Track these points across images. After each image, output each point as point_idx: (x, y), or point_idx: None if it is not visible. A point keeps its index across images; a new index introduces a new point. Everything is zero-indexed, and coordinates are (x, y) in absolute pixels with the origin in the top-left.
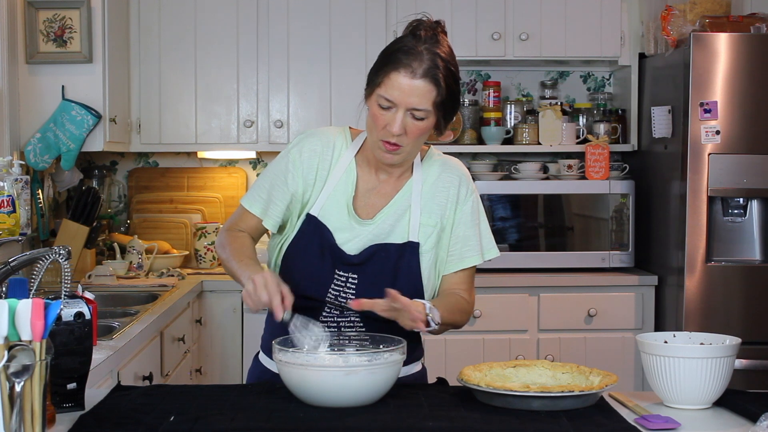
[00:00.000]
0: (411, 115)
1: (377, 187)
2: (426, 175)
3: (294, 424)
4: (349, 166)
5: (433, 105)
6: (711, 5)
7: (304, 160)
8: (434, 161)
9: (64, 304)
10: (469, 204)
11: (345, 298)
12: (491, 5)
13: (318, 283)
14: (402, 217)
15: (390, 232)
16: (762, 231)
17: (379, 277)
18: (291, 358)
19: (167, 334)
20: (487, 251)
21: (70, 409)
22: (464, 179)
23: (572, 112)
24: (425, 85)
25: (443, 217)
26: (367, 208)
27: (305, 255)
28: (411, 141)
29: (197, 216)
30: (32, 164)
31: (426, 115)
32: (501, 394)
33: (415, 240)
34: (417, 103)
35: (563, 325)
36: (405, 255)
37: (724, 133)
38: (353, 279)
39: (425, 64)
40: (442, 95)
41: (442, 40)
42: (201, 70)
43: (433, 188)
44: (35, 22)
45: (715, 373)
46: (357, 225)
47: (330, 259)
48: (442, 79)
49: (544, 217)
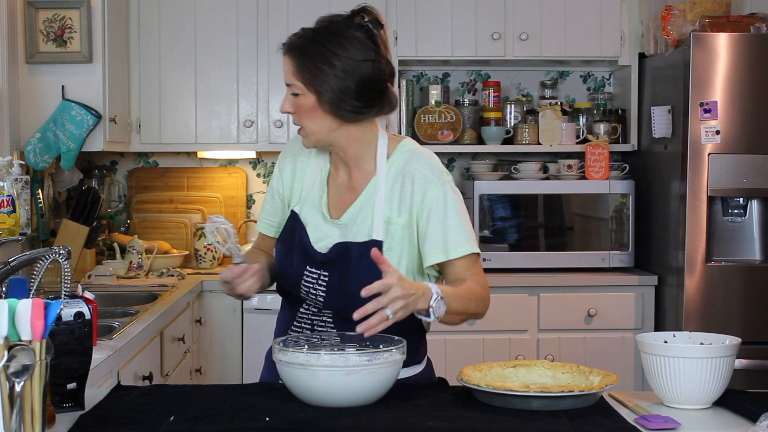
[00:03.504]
0: (291, 93)
1: (346, 182)
2: (390, 170)
3: (294, 424)
4: (323, 165)
5: (297, 79)
6: (711, 5)
7: (287, 164)
8: (402, 154)
9: (64, 304)
10: (432, 198)
11: (315, 294)
12: (491, 5)
13: (291, 279)
14: (366, 214)
15: (356, 230)
16: (762, 231)
17: (346, 275)
18: (291, 358)
19: (167, 334)
20: (453, 249)
21: (70, 409)
22: (428, 173)
23: (572, 112)
24: (289, 61)
25: (408, 214)
26: (338, 205)
27: (283, 251)
28: (304, 119)
29: (197, 216)
30: (32, 164)
31: (298, 91)
32: (501, 394)
33: (378, 238)
34: (286, 79)
35: (563, 325)
36: (367, 253)
37: (724, 133)
38: (324, 276)
39: (288, 42)
40: (305, 68)
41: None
42: (201, 70)
43: (397, 183)
44: (35, 22)
45: (715, 373)
46: (327, 224)
47: (302, 257)
48: (299, 52)
49: (544, 217)
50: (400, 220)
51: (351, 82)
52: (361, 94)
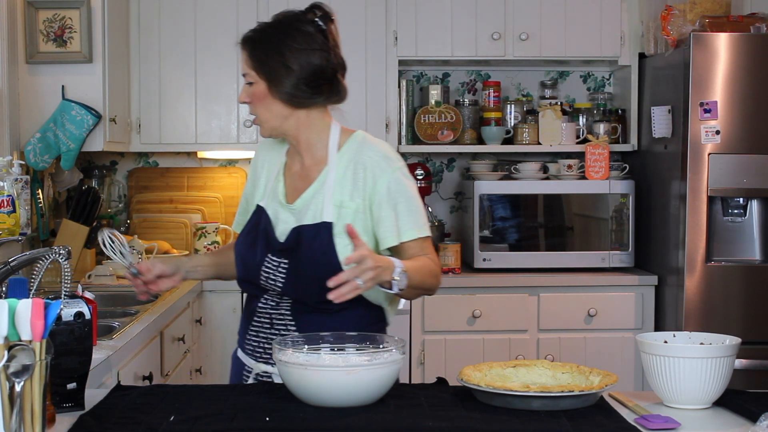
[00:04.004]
0: (246, 83)
1: (300, 171)
2: (342, 160)
3: (294, 424)
4: (281, 157)
5: (251, 68)
6: (711, 5)
7: (253, 164)
8: (352, 145)
9: (64, 304)
10: (384, 185)
11: (274, 281)
12: (491, 5)
13: (250, 268)
14: (318, 199)
15: (308, 215)
16: (762, 231)
17: (303, 259)
18: (291, 358)
19: (167, 334)
20: (405, 233)
21: (70, 409)
22: (380, 160)
23: (572, 112)
24: (243, 52)
25: (359, 199)
26: (293, 192)
27: (245, 242)
28: (257, 108)
29: (197, 216)
30: (32, 164)
31: (252, 79)
32: (501, 394)
33: (328, 220)
34: (242, 69)
35: (563, 325)
36: (319, 235)
37: (724, 133)
38: (284, 264)
39: (245, 34)
40: (257, 58)
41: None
42: (201, 70)
43: (349, 170)
44: (35, 22)
45: (715, 373)
46: (283, 210)
47: (263, 245)
48: (252, 43)
49: (544, 217)
50: (352, 204)
51: (300, 69)
52: (309, 82)
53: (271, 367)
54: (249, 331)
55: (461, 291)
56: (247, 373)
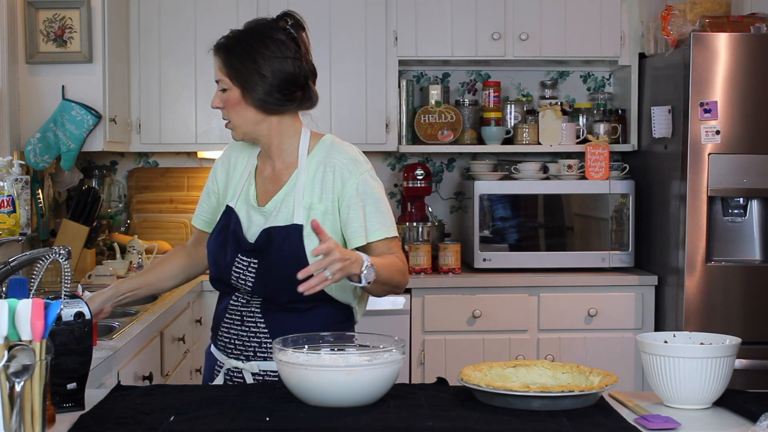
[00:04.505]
0: (220, 89)
1: (271, 174)
2: (311, 163)
3: (294, 424)
4: (252, 160)
5: (224, 74)
6: (711, 5)
7: (220, 165)
8: (323, 147)
9: (64, 304)
10: (352, 186)
11: (244, 280)
12: (491, 5)
13: (221, 268)
14: (288, 202)
15: (279, 217)
16: (762, 231)
17: (274, 260)
18: (291, 358)
19: (167, 334)
20: (372, 233)
21: (70, 409)
22: (348, 162)
23: (572, 112)
24: (216, 59)
25: (328, 201)
26: (264, 195)
27: (215, 242)
28: (230, 113)
29: None
30: (32, 164)
31: (226, 86)
32: (501, 394)
33: (298, 222)
34: (215, 76)
35: (563, 325)
36: (289, 237)
37: (724, 133)
38: (254, 264)
39: (218, 41)
40: (231, 65)
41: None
42: (201, 70)
43: (318, 173)
44: (35, 22)
45: (715, 373)
46: (254, 212)
47: (233, 245)
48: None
49: (544, 217)
50: (321, 206)
51: (272, 77)
52: (282, 88)
53: (242, 363)
54: (221, 327)
55: (461, 291)
56: (219, 368)
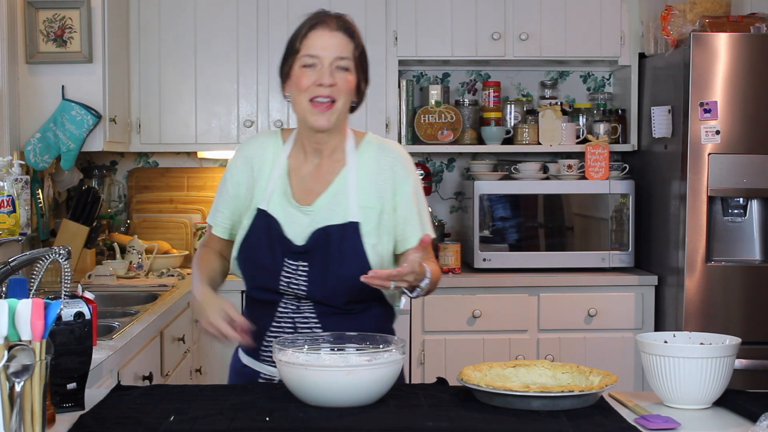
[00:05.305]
0: (337, 67)
1: (312, 171)
2: (361, 161)
3: (294, 424)
4: (282, 159)
5: (353, 57)
6: (711, 5)
7: (239, 165)
8: (371, 145)
9: (64, 304)
10: (409, 185)
11: (297, 285)
12: (491, 5)
13: (269, 274)
14: (341, 200)
15: (330, 215)
16: (762, 231)
17: (326, 260)
18: (291, 358)
19: (167, 334)
20: (426, 229)
21: (70, 409)
22: (400, 161)
23: (572, 112)
24: (343, 37)
25: (383, 200)
26: (306, 194)
27: (257, 248)
28: (342, 95)
29: (197, 216)
30: (32, 164)
31: (349, 66)
32: (501, 394)
33: (355, 220)
34: (340, 52)
35: (563, 325)
36: (347, 235)
37: (724, 133)
38: (303, 266)
39: (338, 22)
40: (359, 49)
41: None
42: (201, 70)
43: (371, 172)
44: (35, 22)
45: (715, 373)
46: (299, 212)
47: (279, 249)
48: (356, 35)
49: (544, 217)
50: (377, 205)
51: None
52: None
53: None
54: (265, 338)
55: (461, 291)
56: (264, 380)
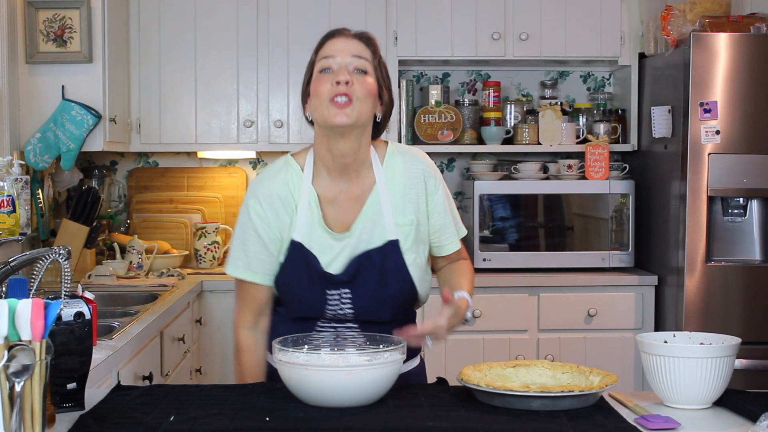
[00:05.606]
0: (354, 68)
1: (342, 195)
2: (390, 176)
3: (294, 424)
4: (307, 186)
5: (371, 61)
6: (711, 5)
7: (266, 208)
8: (395, 157)
9: (64, 304)
10: (440, 193)
11: (344, 313)
12: (491, 5)
13: (313, 307)
14: (377, 221)
15: (369, 238)
16: (762, 231)
17: (369, 285)
18: (291, 358)
19: (167, 334)
20: (460, 233)
21: (70, 409)
22: (429, 170)
23: (572, 112)
24: (360, 44)
25: (417, 213)
26: (340, 220)
27: (296, 282)
28: (361, 95)
29: (197, 216)
30: (32, 164)
31: (367, 68)
32: (501, 394)
33: (393, 238)
34: (357, 52)
35: (563, 325)
36: (389, 255)
37: (724, 133)
38: (346, 293)
39: (356, 33)
40: (377, 58)
41: None
42: (201, 70)
43: (401, 187)
44: (35, 22)
45: (715, 373)
46: (335, 241)
47: (319, 283)
48: (374, 44)
49: (544, 217)
50: (408, 219)
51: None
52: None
53: None
54: None
55: None
56: None
